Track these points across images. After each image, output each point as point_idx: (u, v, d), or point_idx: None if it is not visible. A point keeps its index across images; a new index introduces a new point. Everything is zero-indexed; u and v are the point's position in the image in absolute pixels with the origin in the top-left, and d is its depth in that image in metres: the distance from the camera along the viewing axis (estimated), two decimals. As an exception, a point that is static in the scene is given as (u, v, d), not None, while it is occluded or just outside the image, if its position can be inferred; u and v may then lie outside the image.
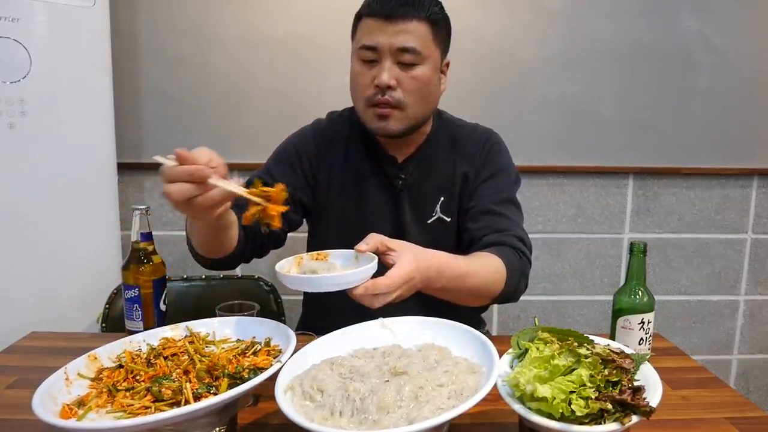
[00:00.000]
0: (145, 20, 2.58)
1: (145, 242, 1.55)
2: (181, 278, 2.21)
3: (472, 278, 1.44)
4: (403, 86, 1.57)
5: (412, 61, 1.56)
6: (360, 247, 1.31)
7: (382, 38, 1.54)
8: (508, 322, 2.93)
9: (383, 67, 1.55)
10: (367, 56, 1.58)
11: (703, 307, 2.98)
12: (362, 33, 1.59)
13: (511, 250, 1.57)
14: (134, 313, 1.54)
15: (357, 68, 1.62)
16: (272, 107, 2.64)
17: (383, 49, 1.55)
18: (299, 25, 2.60)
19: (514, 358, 1.15)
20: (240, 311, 1.44)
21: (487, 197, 1.69)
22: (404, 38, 1.54)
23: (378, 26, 1.54)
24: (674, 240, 2.91)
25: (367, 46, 1.56)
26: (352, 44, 1.66)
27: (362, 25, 1.59)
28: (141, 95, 2.63)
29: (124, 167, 2.55)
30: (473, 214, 1.68)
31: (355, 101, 1.68)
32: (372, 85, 1.58)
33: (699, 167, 2.82)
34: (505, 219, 1.66)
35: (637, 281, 1.46)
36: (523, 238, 1.63)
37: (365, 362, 1.15)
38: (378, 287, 1.23)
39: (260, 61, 2.62)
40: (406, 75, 1.57)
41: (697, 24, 2.70)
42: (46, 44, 2.10)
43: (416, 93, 1.59)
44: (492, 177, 1.73)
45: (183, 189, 1.15)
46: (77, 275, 2.22)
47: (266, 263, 2.75)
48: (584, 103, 2.73)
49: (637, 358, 1.07)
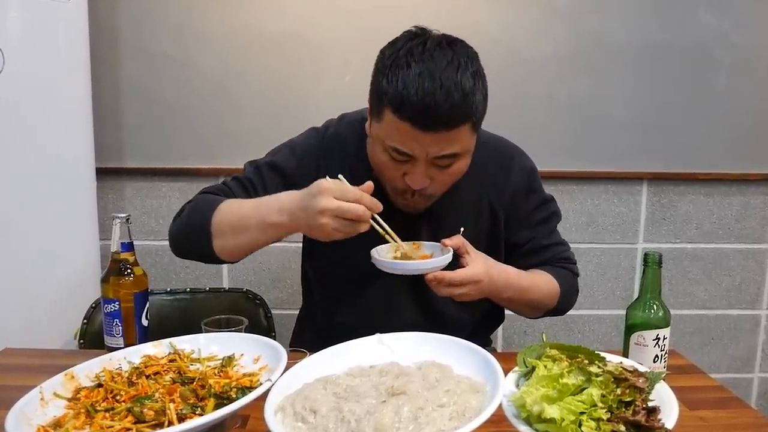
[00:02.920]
0: (126, 16, 2.58)
1: (126, 253, 1.55)
2: (165, 291, 2.21)
3: (533, 293, 1.71)
4: (436, 182, 1.52)
5: (449, 163, 1.49)
6: (446, 241, 1.55)
7: (417, 148, 1.44)
8: (514, 338, 2.93)
9: (416, 173, 1.48)
10: (398, 157, 1.48)
11: (722, 322, 2.98)
12: (392, 132, 1.45)
13: (564, 271, 1.80)
14: (114, 328, 1.54)
15: (384, 160, 1.52)
16: (262, 110, 2.64)
17: (419, 157, 1.45)
18: (292, 22, 2.60)
19: (520, 377, 1.15)
20: (227, 326, 1.44)
21: (539, 233, 1.81)
22: (443, 146, 1.44)
23: (414, 134, 1.41)
24: (691, 250, 2.91)
25: (400, 151, 1.46)
26: (373, 121, 1.53)
27: (391, 119, 1.43)
28: (121, 96, 2.63)
29: (103, 172, 2.55)
30: (527, 252, 1.80)
31: (379, 176, 1.59)
32: (401, 178, 1.51)
33: (718, 172, 2.82)
34: (557, 248, 1.84)
35: (651, 294, 1.46)
36: (571, 258, 1.86)
37: (361, 381, 1.15)
38: (445, 277, 1.49)
39: (249, 60, 2.62)
40: (440, 173, 1.50)
41: (715, 20, 2.71)
42: (19, 41, 2.10)
43: (449, 184, 1.57)
44: (538, 209, 1.81)
45: (364, 213, 1.37)
46: (53, 288, 2.22)
47: (256, 276, 2.75)
48: (594, 104, 2.73)
49: (651, 376, 1.07)
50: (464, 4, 2.57)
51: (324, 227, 1.36)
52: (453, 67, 1.40)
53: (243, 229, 1.54)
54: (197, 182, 2.61)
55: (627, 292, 2.91)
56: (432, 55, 1.40)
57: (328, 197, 1.34)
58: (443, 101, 1.37)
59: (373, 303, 1.74)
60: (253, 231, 1.52)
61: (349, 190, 1.37)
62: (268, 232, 1.51)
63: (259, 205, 1.53)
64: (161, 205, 2.70)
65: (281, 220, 1.45)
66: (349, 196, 1.35)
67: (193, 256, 1.71)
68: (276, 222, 1.46)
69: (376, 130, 1.51)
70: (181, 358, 1.29)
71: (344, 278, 1.75)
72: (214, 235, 1.57)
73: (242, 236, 1.55)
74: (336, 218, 1.35)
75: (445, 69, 1.39)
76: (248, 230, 1.53)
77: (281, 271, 2.77)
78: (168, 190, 2.69)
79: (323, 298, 1.86)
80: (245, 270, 2.77)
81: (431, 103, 1.36)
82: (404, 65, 1.40)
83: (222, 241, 1.58)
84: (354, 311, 1.76)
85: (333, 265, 1.75)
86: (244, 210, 1.55)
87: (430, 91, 1.36)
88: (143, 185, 2.69)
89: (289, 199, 1.45)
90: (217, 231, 1.57)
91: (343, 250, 1.52)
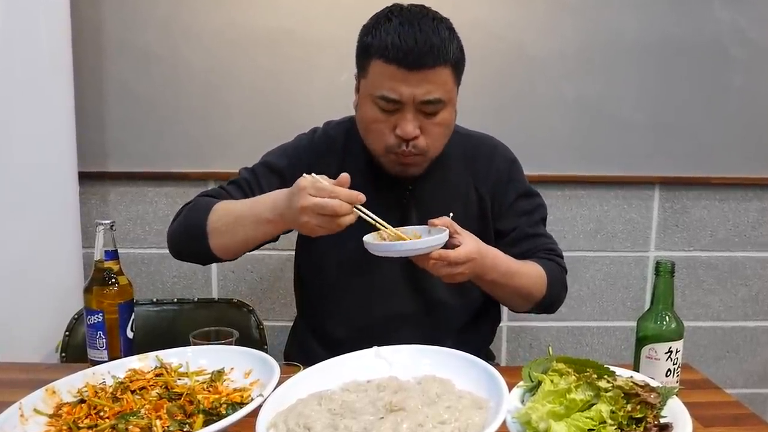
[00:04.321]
0: (110, 10, 2.57)
1: (110, 261, 1.56)
2: (151, 302, 2.21)
3: (519, 278, 1.75)
4: (426, 133, 1.66)
5: (436, 110, 1.64)
6: (434, 221, 1.59)
7: (405, 90, 1.59)
8: (519, 352, 2.93)
9: (407, 119, 1.62)
10: (386, 107, 1.62)
11: (738, 334, 2.98)
12: (379, 80, 1.62)
13: (550, 263, 1.85)
14: (98, 341, 1.54)
15: (373, 114, 1.66)
16: (253, 110, 2.64)
17: (407, 101, 1.60)
18: (285, 18, 2.60)
19: (525, 392, 1.15)
20: (217, 339, 1.44)
21: (523, 222, 1.90)
22: (429, 88, 1.59)
23: (400, 76, 1.58)
24: (705, 259, 2.91)
25: (388, 98, 1.60)
26: (361, 80, 1.71)
27: (378, 69, 1.62)
28: (105, 95, 2.62)
29: (86, 177, 2.55)
30: (512, 240, 1.89)
31: (369, 142, 1.74)
32: (392, 133, 1.65)
33: (733, 176, 2.82)
34: (541, 238, 1.92)
35: (663, 305, 1.46)
36: (558, 251, 1.92)
37: (357, 397, 1.15)
38: (449, 256, 1.52)
39: (240, 58, 2.61)
40: (429, 122, 1.65)
41: (731, 15, 2.71)
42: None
43: (439, 137, 1.71)
44: (520, 199, 1.92)
45: (339, 207, 1.42)
46: (33, 298, 2.21)
47: (247, 285, 2.75)
48: (603, 104, 2.73)
49: (663, 391, 1.07)
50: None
51: (307, 225, 1.46)
52: (429, 18, 1.61)
53: (239, 226, 1.64)
54: (185, 187, 2.62)
55: (638, 303, 2.91)
56: (410, 11, 1.63)
57: (305, 195, 1.44)
58: (423, 42, 1.56)
59: (368, 293, 1.84)
60: (248, 228, 1.63)
61: (323, 186, 1.44)
62: (263, 229, 1.62)
63: (254, 204, 1.65)
64: (147, 211, 2.69)
65: (273, 217, 1.57)
66: (323, 193, 1.43)
67: (191, 256, 1.80)
68: (269, 218, 1.58)
69: (363, 88, 1.69)
70: (168, 373, 1.29)
71: (336, 270, 1.85)
72: (211, 233, 1.67)
73: (238, 234, 1.65)
74: (316, 215, 1.43)
75: (422, 19, 1.60)
76: (244, 228, 1.64)
77: (273, 281, 2.77)
78: (154, 195, 2.69)
79: (315, 294, 1.94)
80: (235, 279, 2.77)
81: (413, 43, 1.56)
82: (386, 20, 1.62)
83: (219, 240, 1.67)
84: (348, 306, 1.86)
85: (324, 258, 1.86)
86: (239, 209, 1.67)
87: (411, 34, 1.56)
88: (128, 190, 2.69)
89: (279, 197, 1.57)
90: (213, 230, 1.67)
91: (335, 244, 1.67)
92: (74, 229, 2.38)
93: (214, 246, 1.68)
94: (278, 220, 1.56)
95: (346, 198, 1.43)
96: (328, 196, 1.42)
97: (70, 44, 2.34)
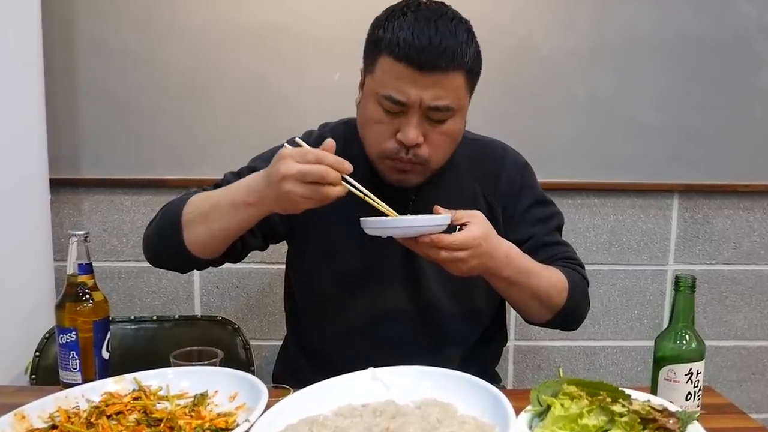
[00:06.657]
0: (83, 6, 2.58)
1: (84, 275, 1.56)
2: (128, 319, 2.21)
3: (538, 279, 1.70)
4: (429, 142, 1.64)
5: (444, 117, 1.62)
6: (438, 208, 1.58)
7: (413, 92, 1.57)
8: (526, 374, 2.93)
9: (410, 124, 1.60)
10: (391, 108, 1.60)
11: (764, 354, 2.98)
12: (386, 78, 1.60)
13: (572, 271, 1.82)
14: (70, 361, 1.54)
15: (375, 114, 1.64)
16: (239, 113, 2.64)
17: (413, 105, 1.58)
18: (273, 13, 2.60)
19: (533, 417, 1.15)
20: (199, 359, 1.45)
21: (539, 230, 1.89)
22: (439, 93, 1.57)
23: (409, 76, 1.56)
24: (729, 273, 2.92)
25: (393, 99, 1.58)
26: (367, 76, 1.68)
27: (386, 66, 1.60)
28: (79, 97, 2.62)
29: (58, 184, 2.55)
30: (527, 249, 1.81)
31: (367, 144, 1.73)
32: (393, 137, 1.63)
33: (759, 184, 2.82)
34: (559, 247, 1.91)
35: (683, 323, 1.47)
36: (578, 260, 1.91)
37: (352, 422, 1.16)
38: (443, 240, 1.48)
39: (224, 57, 2.62)
40: (434, 130, 1.63)
41: (756, 10, 2.71)
42: (-37, 35, 2.10)
43: (443, 148, 1.68)
44: (535, 206, 1.91)
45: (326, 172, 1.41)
46: (0, 316, 2.21)
47: (232, 301, 2.75)
48: (619, 105, 2.74)
49: (683, 416, 1.08)
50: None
51: (290, 195, 1.43)
52: (448, 18, 1.59)
53: (215, 214, 1.62)
54: (164, 194, 2.60)
55: (656, 321, 2.92)
56: (428, 7, 1.60)
57: (288, 162, 1.42)
58: (438, 43, 1.53)
59: (366, 309, 1.82)
60: (225, 216, 1.60)
61: (308, 150, 1.44)
62: (241, 214, 1.59)
63: (229, 189, 1.63)
64: (124, 221, 2.69)
65: (251, 198, 1.54)
66: (309, 158, 1.42)
67: (166, 258, 1.77)
68: (247, 201, 1.56)
69: (369, 84, 1.66)
70: (147, 396, 1.29)
71: (331, 284, 1.83)
72: (185, 226, 1.65)
73: (214, 224, 1.62)
74: (300, 183, 1.41)
75: (440, 18, 1.57)
76: (220, 215, 1.61)
77: (261, 297, 2.77)
78: (132, 204, 2.69)
79: (308, 310, 1.92)
80: (220, 295, 2.77)
81: (427, 42, 1.53)
82: (400, 15, 1.59)
83: (193, 232, 1.64)
84: (343, 324, 1.83)
85: (318, 271, 1.84)
86: (215, 196, 1.65)
87: (426, 32, 1.53)
88: (103, 198, 2.68)
89: (256, 177, 1.56)
90: (188, 221, 1.65)
91: (330, 254, 1.67)
92: (45, 241, 2.38)
93: (189, 240, 1.64)
94: (257, 200, 1.54)
95: (333, 163, 1.42)
96: (314, 161, 1.41)
97: (41, 42, 2.35)
